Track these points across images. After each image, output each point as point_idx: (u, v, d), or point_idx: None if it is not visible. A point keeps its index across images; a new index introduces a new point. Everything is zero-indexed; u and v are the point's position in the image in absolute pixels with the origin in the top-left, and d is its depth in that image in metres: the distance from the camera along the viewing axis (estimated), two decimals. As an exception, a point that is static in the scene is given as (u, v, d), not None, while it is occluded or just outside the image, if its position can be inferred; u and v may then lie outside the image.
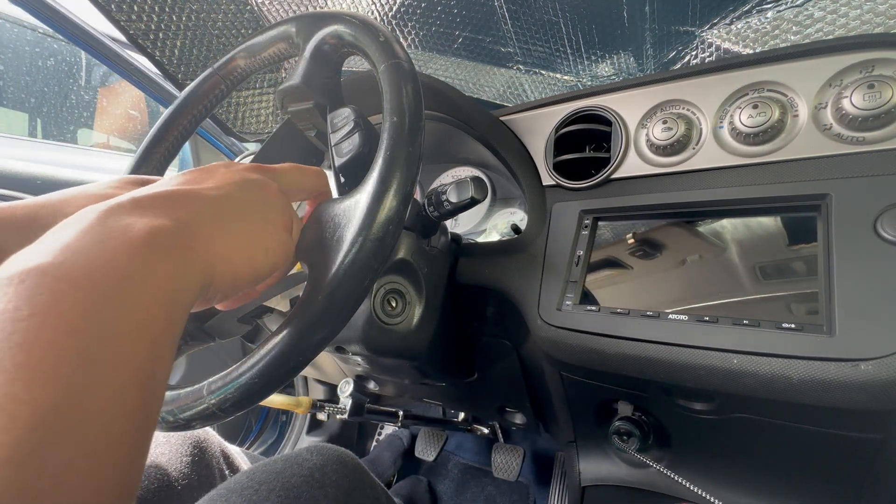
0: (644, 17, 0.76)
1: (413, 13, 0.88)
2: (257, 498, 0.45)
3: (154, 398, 0.21)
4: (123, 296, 0.20)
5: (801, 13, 0.65)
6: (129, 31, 0.80)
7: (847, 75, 0.44)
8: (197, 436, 0.67)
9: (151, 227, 0.22)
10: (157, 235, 0.22)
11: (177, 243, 0.23)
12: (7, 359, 0.16)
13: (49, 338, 0.17)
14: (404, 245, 0.56)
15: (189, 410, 0.31)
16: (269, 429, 1.43)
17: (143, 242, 0.22)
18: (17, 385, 0.16)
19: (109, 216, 0.22)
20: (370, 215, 0.32)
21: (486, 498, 1.21)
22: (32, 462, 0.15)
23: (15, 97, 1.59)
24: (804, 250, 0.43)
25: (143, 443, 0.20)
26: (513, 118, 0.67)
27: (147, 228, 0.22)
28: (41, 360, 0.17)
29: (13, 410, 0.15)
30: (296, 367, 0.31)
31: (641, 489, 0.68)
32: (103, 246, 0.20)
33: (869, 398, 0.36)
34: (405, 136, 0.35)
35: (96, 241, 0.20)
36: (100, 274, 0.19)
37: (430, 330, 0.59)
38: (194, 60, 0.91)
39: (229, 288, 0.28)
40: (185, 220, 0.25)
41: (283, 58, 0.50)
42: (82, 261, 0.19)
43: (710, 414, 0.50)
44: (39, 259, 0.19)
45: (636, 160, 0.55)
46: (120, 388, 0.18)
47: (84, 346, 0.18)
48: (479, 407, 0.94)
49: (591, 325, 0.50)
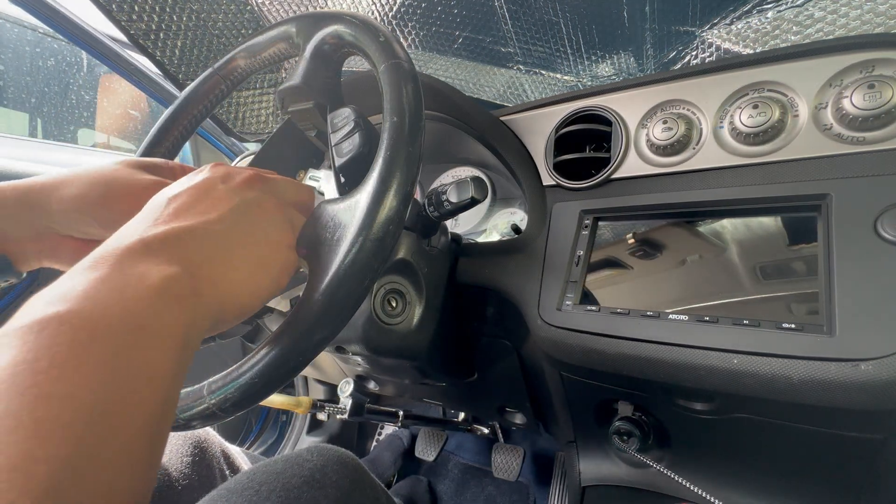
0: (644, 18, 0.76)
1: (413, 13, 0.88)
2: (257, 498, 0.45)
3: (161, 439, 0.22)
4: (139, 346, 0.21)
5: (801, 13, 0.65)
6: (130, 31, 0.80)
7: (847, 75, 0.44)
8: (197, 436, 0.67)
9: (164, 277, 0.24)
10: (169, 284, 0.24)
11: (187, 290, 0.25)
12: (25, 413, 0.16)
13: (66, 391, 0.17)
14: (404, 245, 0.56)
15: (189, 410, 0.31)
16: (269, 429, 1.43)
17: (157, 293, 0.23)
18: (34, 442, 0.16)
19: (124, 262, 0.23)
20: (370, 215, 0.32)
21: (486, 498, 1.21)
22: None
23: (15, 97, 1.59)
24: (804, 250, 0.43)
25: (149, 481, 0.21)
26: (513, 118, 0.67)
27: (160, 278, 0.23)
28: (58, 415, 0.17)
29: (30, 469, 0.15)
30: (296, 367, 0.31)
31: (641, 489, 0.68)
32: (120, 295, 0.21)
33: (869, 398, 0.36)
34: (405, 136, 0.35)
35: (113, 290, 0.21)
36: (117, 324, 0.20)
37: (430, 330, 0.59)
38: (195, 60, 0.91)
39: (236, 318, 0.30)
40: (194, 263, 0.26)
41: (283, 58, 0.50)
42: (101, 310, 0.20)
43: (710, 414, 0.50)
44: (58, 307, 0.19)
45: (636, 160, 0.55)
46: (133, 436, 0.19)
47: (99, 399, 0.18)
48: (479, 407, 0.94)
49: (591, 325, 0.50)
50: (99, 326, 0.19)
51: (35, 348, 0.18)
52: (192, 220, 0.28)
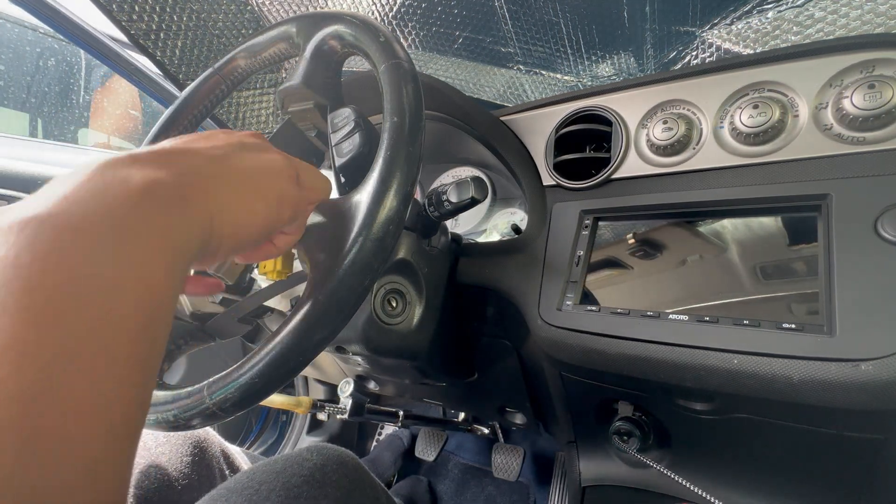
0: (644, 18, 0.76)
1: (413, 13, 0.88)
2: (257, 498, 0.45)
3: (155, 343, 0.21)
4: (123, 243, 0.20)
5: (801, 13, 0.65)
6: (130, 31, 0.80)
7: (847, 75, 0.44)
8: (197, 436, 0.67)
9: (149, 180, 0.22)
10: (154, 187, 0.22)
11: (175, 195, 0.24)
12: (11, 303, 0.16)
13: (52, 282, 0.17)
14: (404, 245, 0.56)
15: (189, 410, 0.31)
16: (269, 429, 1.43)
17: (141, 194, 0.22)
18: (24, 327, 0.16)
19: (107, 169, 0.22)
20: (370, 215, 0.33)
21: (486, 498, 1.21)
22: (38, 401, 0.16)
23: (15, 97, 1.59)
24: (804, 250, 0.43)
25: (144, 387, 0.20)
26: (513, 118, 0.67)
27: (144, 181, 0.22)
28: (46, 303, 0.17)
29: (23, 350, 0.16)
30: (296, 367, 0.31)
31: (642, 489, 0.68)
32: (102, 197, 0.20)
33: (869, 398, 0.36)
34: (405, 136, 0.35)
35: (94, 192, 0.20)
36: (98, 223, 0.20)
37: (430, 330, 0.59)
38: (195, 60, 0.91)
39: (232, 240, 0.28)
40: (182, 172, 0.25)
41: (283, 58, 0.50)
42: (81, 210, 0.19)
43: (710, 414, 0.50)
44: (38, 209, 0.19)
45: (636, 160, 0.55)
46: (123, 331, 0.19)
47: (86, 290, 0.18)
48: (479, 407, 0.94)
49: (592, 325, 0.50)
50: (81, 225, 0.19)
51: (16, 245, 0.17)
52: (186, 145, 0.28)
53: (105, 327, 0.18)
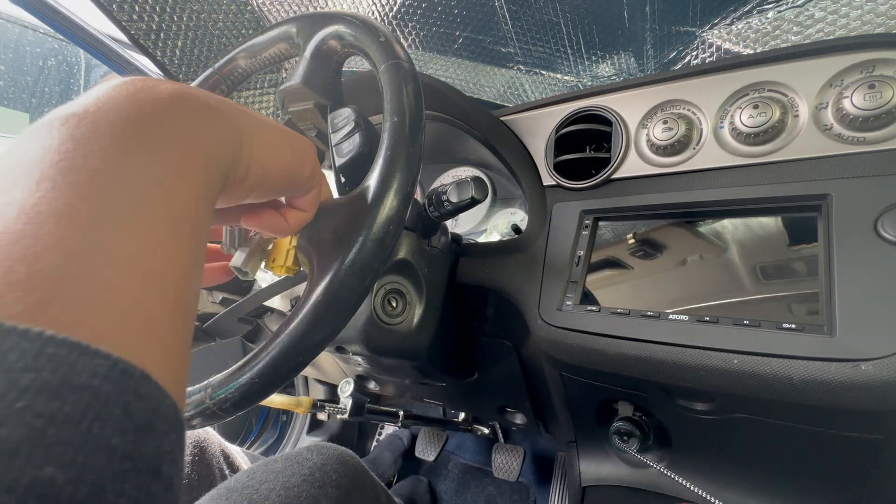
0: (644, 18, 0.76)
1: (413, 13, 0.88)
2: (257, 497, 0.45)
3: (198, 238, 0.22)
4: (158, 138, 0.21)
5: (801, 13, 0.65)
6: (131, 31, 0.80)
7: (848, 75, 0.44)
8: (197, 435, 0.67)
9: (178, 90, 0.23)
10: (185, 97, 0.23)
11: (204, 106, 0.24)
12: (60, 179, 0.17)
13: (94, 166, 0.18)
14: (405, 245, 0.56)
15: (190, 410, 0.31)
16: (269, 429, 1.43)
17: (170, 99, 0.22)
18: (73, 199, 0.17)
19: (136, 81, 0.23)
20: (371, 215, 0.33)
21: (486, 498, 1.21)
22: (96, 258, 0.17)
23: (16, 97, 1.59)
24: (805, 250, 0.43)
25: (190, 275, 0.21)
26: (513, 118, 0.67)
27: (174, 89, 0.23)
28: (90, 180, 0.18)
29: (73, 219, 0.17)
30: (296, 367, 0.31)
31: (642, 489, 0.68)
32: (134, 98, 0.21)
33: (869, 398, 0.36)
34: (406, 136, 0.35)
35: (127, 95, 0.21)
36: (134, 118, 0.21)
37: (430, 330, 0.59)
38: (195, 60, 0.91)
39: (259, 168, 0.28)
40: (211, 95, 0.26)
41: (283, 58, 0.50)
42: (116, 109, 0.20)
43: (710, 414, 0.50)
44: (76, 108, 0.20)
45: (637, 160, 0.55)
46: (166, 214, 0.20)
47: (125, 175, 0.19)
48: (479, 407, 0.94)
49: (592, 325, 0.50)
50: (116, 120, 0.20)
51: (59, 136, 0.18)
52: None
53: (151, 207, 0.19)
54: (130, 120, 0.20)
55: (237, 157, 0.26)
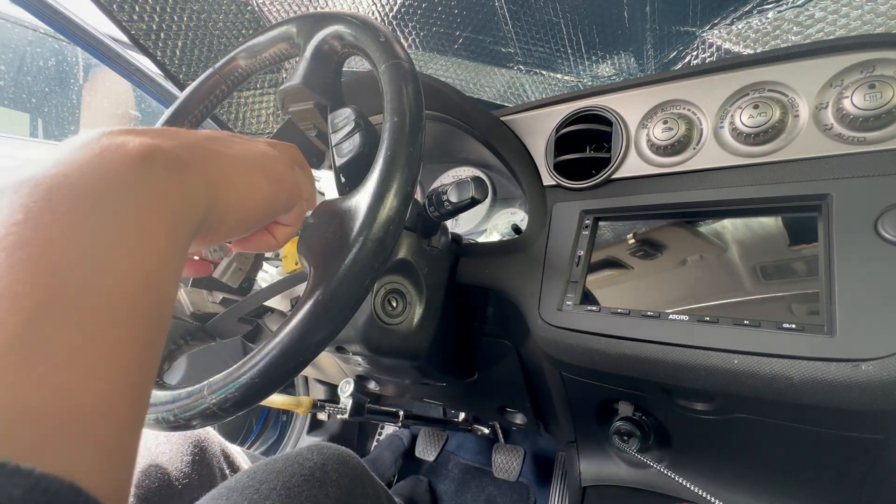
0: (645, 18, 0.76)
1: (414, 13, 0.88)
2: (258, 497, 0.45)
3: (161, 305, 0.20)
4: (122, 203, 0.19)
5: (801, 13, 0.65)
6: (131, 32, 0.80)
7: (848, 75, 0.44)
8: (197, 435, 0.67)
9: (147, 146, 0.22)
10: (154, 152, 0.22)
11: (174, 161, 0.23)
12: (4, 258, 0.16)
13: (44, 237, 0.17)
14: (405, 245, 0.56)
15: (190, 410, 0.31)
16: (269, 429, 1.43)
17: (140, 157, 0.21)
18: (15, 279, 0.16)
19: (103, 136, 0.21)
20: (371, 215, 0.33)
21: (486, 498, 1.21)
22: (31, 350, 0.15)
23: (16, 97, 1.59)
24: (805, 250, 0.43)
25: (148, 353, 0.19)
26: (513, 118, 0.67)
27: (143, 146, 0.22)
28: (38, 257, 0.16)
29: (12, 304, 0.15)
30: (296, 367, 0.31)
31: (642, 489, 0.68)
32: (100, 159, 0.20)
33: (869, 399, 0.36)
34: (406, 136, 0.35)
35: (91, 156, 0.20)
36: (97, 183, 0.19)
37: (430, 330, 0.59)
38: (195, 60, 0.91)
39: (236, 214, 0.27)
40: (182, 145, 0.24)
41: (283, 58, 0.50)
42: (77, 172, 0.19)
43: (710, 414, 0.50)
44: (34, 172, 0.18)
45: (637, 160, 0.55)
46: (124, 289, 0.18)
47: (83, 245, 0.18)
48: (479, 407, 0.94)
49: (592, 325, 0.50)
50: (77, 185, 0.18)
51: (9, 206, 0.17)
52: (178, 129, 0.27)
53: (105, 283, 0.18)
54: (92, 185, 0.19)
55: (210, 209, 0.25)
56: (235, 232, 0.29)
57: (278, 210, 0.32)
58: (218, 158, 0.27)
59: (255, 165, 0.29)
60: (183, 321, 0.46)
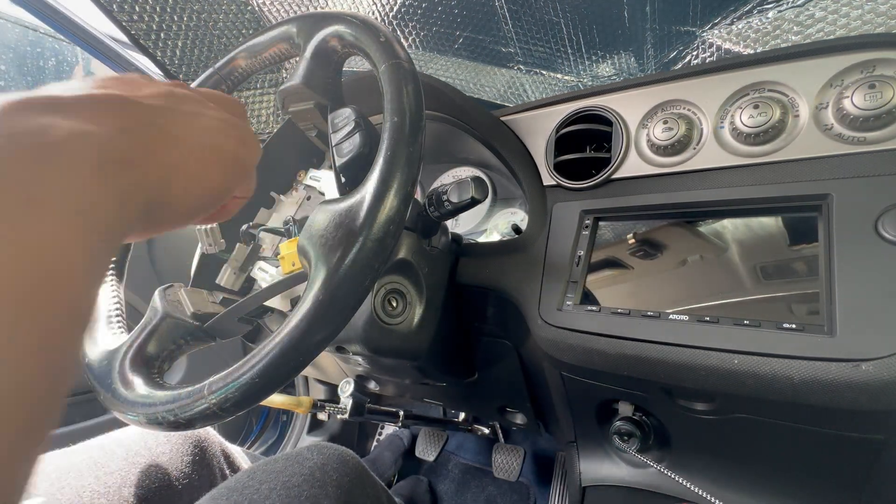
0: (645, 18, 0.76)
1: (414, 13, 0.88)
2: (258, 497, 0.45)
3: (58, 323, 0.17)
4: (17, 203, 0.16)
5: (801, 13, 0.65)
6: (131, 32, 0.80)
7: (848, 75, 0.44)
8: (197, 435, 0.67)
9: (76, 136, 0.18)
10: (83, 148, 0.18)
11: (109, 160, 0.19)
12: None
13: None
14: (405, 245, 0.56)
15: (190, 410, 0.31)
16: (269, 429, 1.43)
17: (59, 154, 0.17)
18: None
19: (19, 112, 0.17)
20: (371, 215, 0.33)
21: (486, 498, 1.21)
22: None
23: (16, 97, 1.59)
24: (805, 250, 0.43)
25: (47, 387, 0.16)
26: (513, 118, 0.67)
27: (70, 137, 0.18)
28: None
29: None
30: (296, 367, 0.31)
31: (642, 489, 0.68)
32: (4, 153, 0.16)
33: (870, 399, 0.36)
34: (406, 136, 0.35)
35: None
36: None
37: (430, 330, 0.59)
38: (195, 60, 0.91)
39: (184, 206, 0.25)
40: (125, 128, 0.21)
41: (284, 58, 0.50)
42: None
43: (710, 414, 0.50)
44: None
45: (637, 160, 0.55)
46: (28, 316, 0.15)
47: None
48: (479, 407, 0.94)
49: (592, 325, 0.50)
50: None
51: None
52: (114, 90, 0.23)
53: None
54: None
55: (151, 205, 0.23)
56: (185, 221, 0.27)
57: (230, 193, 0.30)
58: (168, 144, 0.24)
59: (211, 147, 0.27)
60: (183, 321, 0.46)
